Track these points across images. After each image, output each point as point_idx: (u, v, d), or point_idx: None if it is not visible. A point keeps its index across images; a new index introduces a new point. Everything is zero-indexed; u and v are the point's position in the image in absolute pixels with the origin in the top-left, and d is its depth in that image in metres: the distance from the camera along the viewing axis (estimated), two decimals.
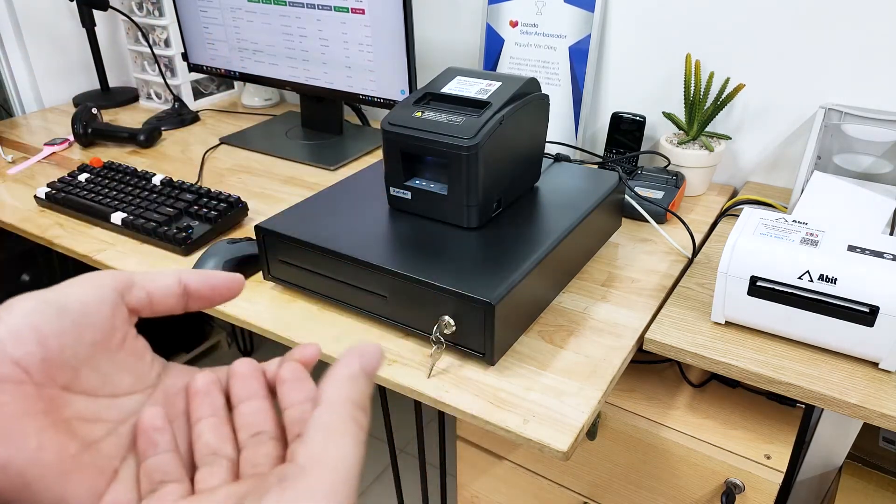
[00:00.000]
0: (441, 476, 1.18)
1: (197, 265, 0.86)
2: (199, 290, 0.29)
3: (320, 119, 1.37)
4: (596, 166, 1.13)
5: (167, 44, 1.51)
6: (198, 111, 1.52)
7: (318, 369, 0.29)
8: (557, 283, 0.81)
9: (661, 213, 0.97)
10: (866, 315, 0.66)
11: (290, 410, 0.28)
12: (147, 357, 0.29)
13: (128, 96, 1.62)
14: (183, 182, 1.08)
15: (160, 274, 0.28)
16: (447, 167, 0.75)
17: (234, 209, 1.00)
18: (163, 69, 1.53)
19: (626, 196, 0.98)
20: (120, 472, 0.26)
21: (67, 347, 0.25)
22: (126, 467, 0.26)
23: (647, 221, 0.97)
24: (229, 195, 1.02)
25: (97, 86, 1.66)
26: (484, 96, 0.78)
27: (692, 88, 1.05)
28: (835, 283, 0.66)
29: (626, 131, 1.13)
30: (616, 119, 1.13)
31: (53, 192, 1.07)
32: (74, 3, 1.47)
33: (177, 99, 1.48)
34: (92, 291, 0.26)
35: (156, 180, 1.10)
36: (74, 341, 0.25)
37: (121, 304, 0.27)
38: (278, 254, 0.80)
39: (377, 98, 1.22)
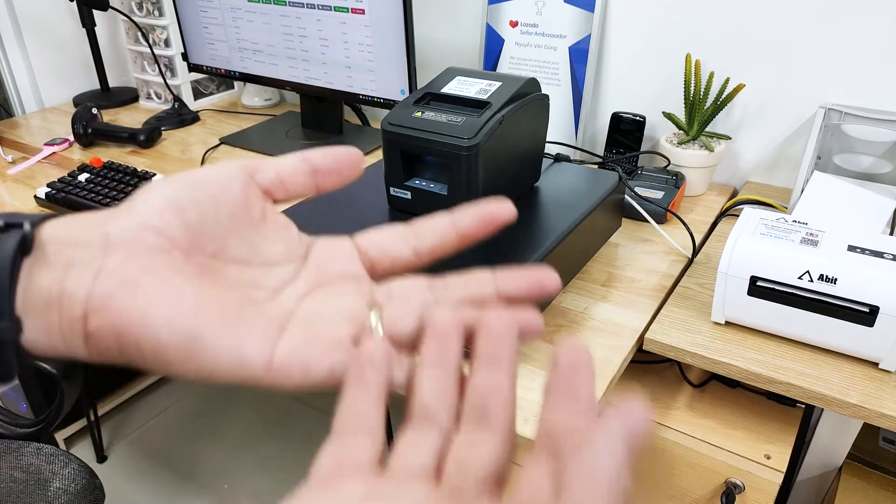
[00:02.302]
0: None
1: None
2: (325, 165, 0.28)
3: (320, 119, 1.37)
4: (596, 166, 1.13)
5: (167, 44, 1.51)
6: (198, 111, 1.52)
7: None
8: None
9: (661, 213, 0.97)
10: (866, 315, 0.66)
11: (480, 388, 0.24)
12: (293, 230, 0.29)
13: (128, 96, 1.62)
14: None
15: (285, 157, 0.28)
16: (447, 167, 0.75)
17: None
18: (163, 69, 1.53)
19: (626, 196, 0.98)
20: (289, 328, 0.25)
21: (208, 218, 0.26)
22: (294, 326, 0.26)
23: (647, 221, 0.97)
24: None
25: (97, 86, 1.66)
26: (484, 96, 0.78)
27: (692, 88, 1.05)
28: (835, 283, 0.66)
29: (626, 131, 1.13)
30: (616, 119, 1.13)
31: (53, 192, 1.07)
32: (74, 3, 1.47)
33: (177, 99, 1.48)
34: (223, 171, 0.27)
35: (156, 180, 1.10)
36: (214, 212, 0.26)
37: (251, 182, 0.27)
38: None
39: (377, 98, 1.22)
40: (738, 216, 0.79)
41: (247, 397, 1.85)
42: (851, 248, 0.68)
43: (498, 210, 0.29)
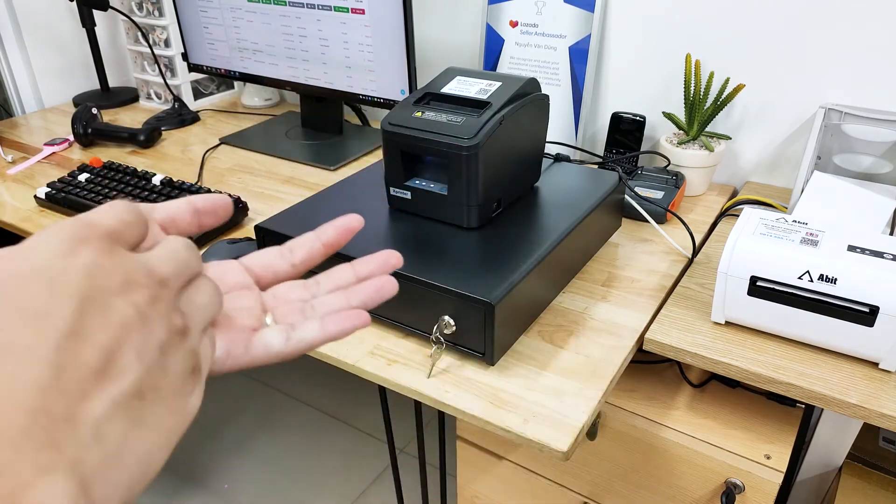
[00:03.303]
0: (441, 476, 1.18)
1: None
2: (204, 207, 0.31)
3: (320, 119, 1.37)
4: (596, 166, 1.13)
5: (167, 44, 1.51)
6: (198, 111, 1.52)
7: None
8: (557, 283, 0.81)
9: (661, 213, 0.97)
10: (866, 315, 0.66)
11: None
12: None
13: (128, 96, 1.62)
14: (183, 182, 1.08)
15: (174, 201, 0.31)
16: (447, 167, 0.75)
17: (234, 209, 1.00)
18: (163, 69, 1.53)
19: (626, 196, 0.98)
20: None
21: None
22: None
23: (647, 221, 0.97)
24: (229, 195, 1.02)
25: (97, 86, 1.66)
26: (484, 96, 0.78)
27: (692, 88, 1.05)
28: (835, 283, 0.66)
29: (626, 131, 1.13)
30: (616, 119, 1.13)
31: (53, 192, 1.07)
32: (74, 3, 1.47)
33: (177, 99, 1.48)
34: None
35: (156, 180, 1.10)
36: None
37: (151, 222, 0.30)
38: None
39: (377, 98, 1.22)
40: (738, 216, 0.79)
41: (247, 397, 1.85)
42: (851, 248, 0.68)
43: (349, 222, 0.36)
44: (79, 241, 0.23)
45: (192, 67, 1.45)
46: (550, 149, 1.19)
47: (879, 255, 0.67)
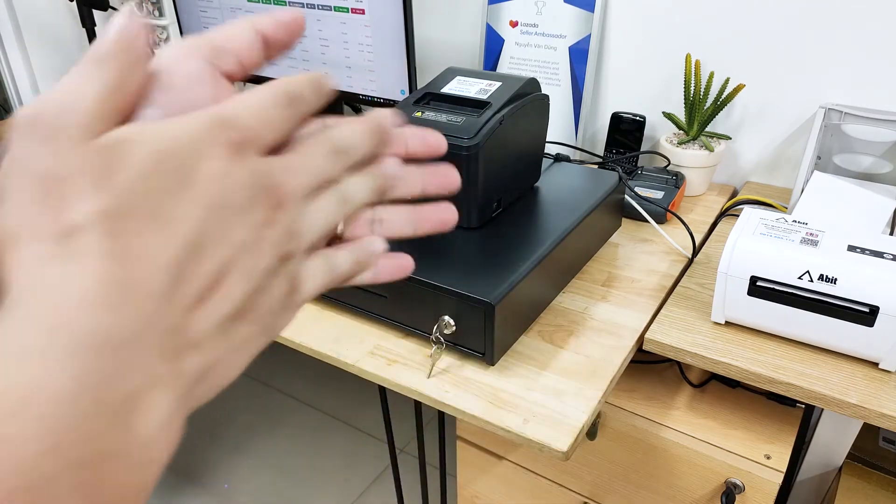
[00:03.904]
0: (441, 476, 1.18)
1: None
2: (275, 36, 0.26)
3: None
4: (596, 166, 1.13)
5: (167, 44, 1.51)
6: None
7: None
8: (557, 283, 0.81)
9: (661, 213, 0.97)
10: (866, 315, 0.66)
11: None
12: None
13: None
14: None
15: (235, 32, 0.26)
16: None
17: None
18: None
19: (626, 196, 0.98)
20: None
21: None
22: None
23: (647, 221, 0.97)
24: None
25: None
26: (484, 96, 0.78)
27: (692, 88, 1.05)
28: (835, 283, 0.66)
29: (626, 131, 1.13)
30: (616, 119, 1.13)
31: None
32: (74, 3, 1.47)
33: None
34: (191, 67, 0.25)
35: None
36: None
37: (218, 77, 0.25)
38: None
39: (377, 98, 1.22)
40: (738, 216, 0.79)
41: (247, 397, 1.85)
42: (851, 248, 0.68)
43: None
44: (215, 143, 0.21)
45: None
46: (550, 149, 1.19)
47: (879, 255, 0.67)
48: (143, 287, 0.19)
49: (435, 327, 0.70)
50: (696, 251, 0.91)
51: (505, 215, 0.81)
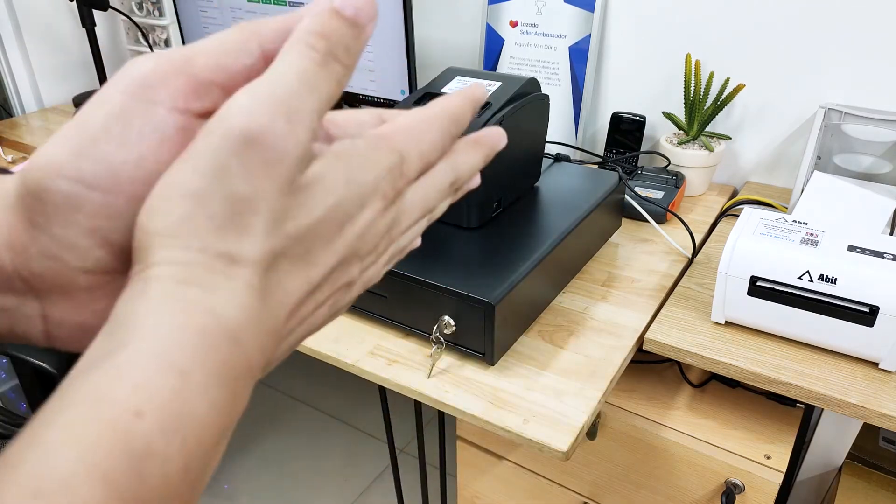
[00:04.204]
0: (441, 476, 1.18)
1: None
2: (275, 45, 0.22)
3: None
4: (596, 166, 1.13)
5: (167, 44, 1.51)
6: None
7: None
8: (557, 283, 0.81)
9: (661, 213, 0.97)
10: (866, 315, 0.66)
11: None
12: None
13: None
14: None
15: (226, 42, 0.22)
16: None
17: None
18: None
19: (626, 196, 0.98)
20: None
21: None
22: None
23: (647, 221, 0.97)
24: None
25: (97, 86, 1.66)
26: None
27: (692, 88, 1.05)
28: (835, 283, 0.66)
29: (626, 131, 1.13)
30: (616, 119, 1.13)
31: None
32: (74, 3, 1.47)
33: None
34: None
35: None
36: None
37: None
38: None
39: (377, 98, 1.22)
40: (738, 216, 0.78)
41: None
42: (851, 248, 0.68)
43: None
44: (382, 192, 0.22)
45: None
46: (550, 149, 1.19)
47: (879, 255, 0.67)
48: (269, 325, 0.19)
49: (435, 327, 0.70)
50: (696, 251, 0.91)
51: (505, 215, 0.81)
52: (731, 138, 1.10)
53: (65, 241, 0.20)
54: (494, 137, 0.26)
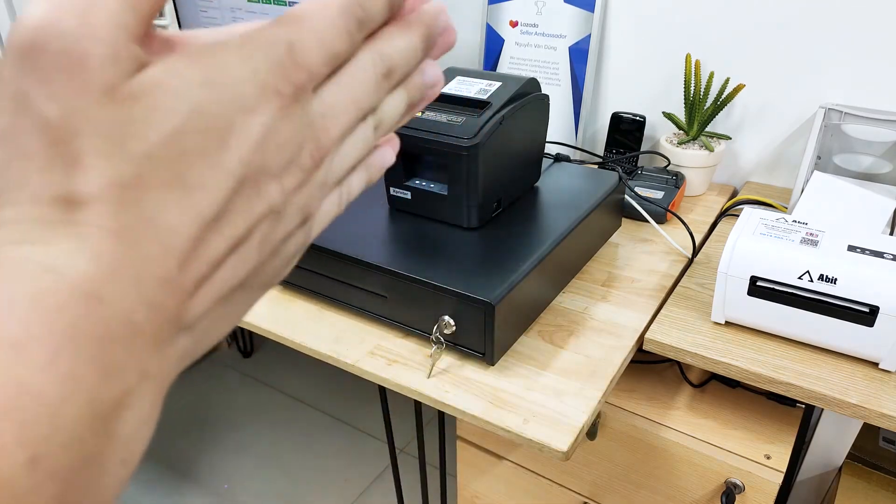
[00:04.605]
0: (441, 476, 1.18)
1: None
2: None
3: None
4: (596, 166, 1.13)
5: None
6: None
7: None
8: (557, 283, 0.81)
9: (661, 213, 0.97)
10: (866, 315, 0.66)
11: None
12: None
13: None
14: None
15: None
16: (447, 167, 0.75)
17: None
18: None
19: (626, 196, 0.98)
20: None
21: None
22: None
23: (647, 221, 0.97)
24: None
25: None
26: (484, 96, 0.78)
27: (692, 88, 1.05)
28: (835, 283, 0.66)
29: (626, 131, 1.13)
30: (616, 119, 1.13)
31: None
32: None
33: None
34: None
35: None
36: None
37: None
38: None
39: None
40: (738, 216, 0.79)
41: (247, 397, 1.85)
42: (851, 248, 0.68)
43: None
44: (271, 93, 0.17)
45: None
46: (550, 149, 1.19)
47: (879, 255, 0.67)
48: (148, 272, 0.16)
49: (435, 327, 0.70)
50: (696, 251, 0.91)
51: (505, 215, 0.81)
52: (731, 138, 1.10)
53: None
54: (430, 14, 0.22)
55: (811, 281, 0.67)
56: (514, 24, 1.19)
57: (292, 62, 0.18)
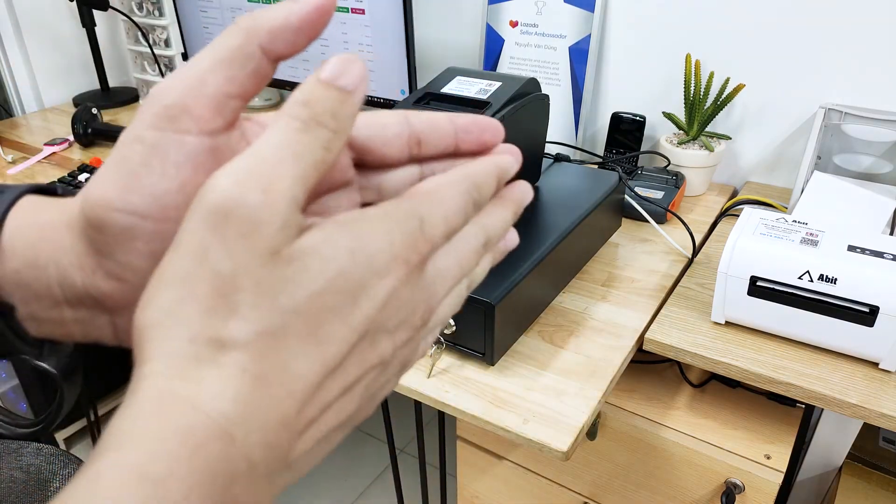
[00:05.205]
0: (441, 476, 1.18)
1: None
2: (310, 23, 0.23)
3: None
4: (596, 166, 1.13)
5: (167, 44, 1.51)
6: None
7: None
8: (557, 283, 0.81)
9: (661, 213, 0.97)
10: (866, 315, 0.66)
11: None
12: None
13: (128, 96, 1.62)
14: None
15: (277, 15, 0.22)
16: None
17: None
18: (163, 69, 1.53)
19: (626, 196, 0.98)
20: None
21: None
22: None
23: (647, 221, 0.97)
24: None
25: (97, 86, 1.66)
26: (484, 96, 0.78)
27: (692, 88, 1.05)
28: (835, 283, 0.66)
29: (626, 131, 1.13)
30: (616, 119, 1.13)
31: None
32: (74, 3, 1.47)
33: None
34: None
35: None
36: None
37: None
38: None
39: (377, 98, 1.22)
40: (738, 216, 0.78)
41: None
42: (851, 248, 0.68)
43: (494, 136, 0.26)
44: (398, 262, 0.20)
45: None
46: (550, 149, 1.19)
47: (879, 255, 0.67)
48: (273, 415, 0.18)
49: None
50: (696, 251, 0.91)
51: None
52: (731, 138, 1.10)
53: (127, 265, 0.22)
54: (519, 192, 0.26)
55: (811, 281, 0.67)
56: (514, 24, 1.19)
57: (423, 237, 0.21)
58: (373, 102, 1.22)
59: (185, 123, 0.21)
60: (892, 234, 0.81)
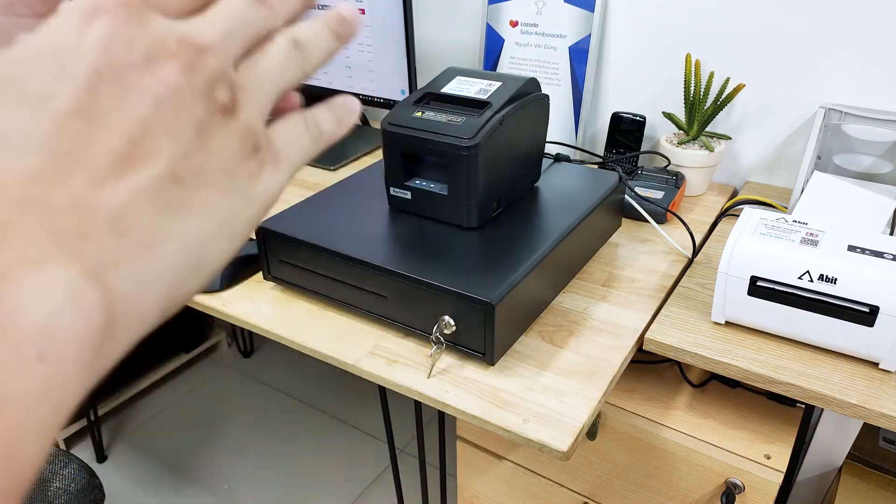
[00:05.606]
0: (441, 476, 1.18)
1: None
2: None
3: None
4: (596, 166, 1.13)
5: None
6: None
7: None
8: (557, 283, 0.81)
9: (661, 213, 0.97)
10: (866, 315, 0.66)
11: None
12: None
13: None
14: None
15: None
16: (447, 167, 0.75)
17: None
18: None
19: (626, 196, 0.98)
20: None
21: None
22: None
23: (647, 221, 0.97)
24: None
25: None
26: (484, 96, 0.78)
27: (692, 88, 1.05)
28: (835, 283, 0.66)
29: (626, 131, 1.13)
30: (616, 119, 1.13)
31: None
32: None
33: None
34: None
35: None
36: None
37: None
38: (278, 254, 0.80)
39: (377, 98, 1.22)
40: (738, 216, 0.79)
41: (247, 397, 1.85)
42: (851, 248, 0.68)
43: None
44: (95, 13, 0.19)
45: None
46: (550, 149, 1.19)
47: (879, 255, 0.67)
48: (9, 172, 0.17)
49: (435, 327, 0.70)
50: (696, 251, 0.91)
51: (505, 215, 0.81)
52: (731, 138, 1.10)
53: None
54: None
55: (811, 281, 0.67)
56: (514, 24, 1.19)
57: None
58: (373, 102, 1.22)
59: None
60: (892, 234, 0.81)
